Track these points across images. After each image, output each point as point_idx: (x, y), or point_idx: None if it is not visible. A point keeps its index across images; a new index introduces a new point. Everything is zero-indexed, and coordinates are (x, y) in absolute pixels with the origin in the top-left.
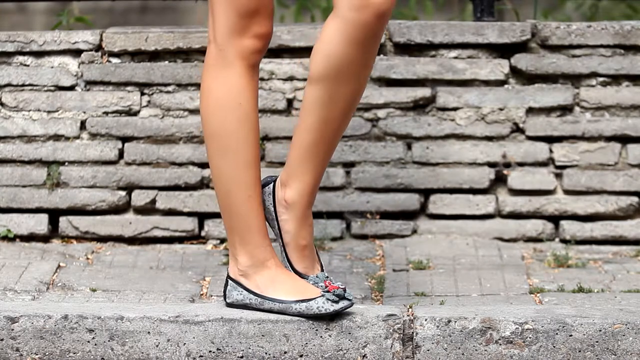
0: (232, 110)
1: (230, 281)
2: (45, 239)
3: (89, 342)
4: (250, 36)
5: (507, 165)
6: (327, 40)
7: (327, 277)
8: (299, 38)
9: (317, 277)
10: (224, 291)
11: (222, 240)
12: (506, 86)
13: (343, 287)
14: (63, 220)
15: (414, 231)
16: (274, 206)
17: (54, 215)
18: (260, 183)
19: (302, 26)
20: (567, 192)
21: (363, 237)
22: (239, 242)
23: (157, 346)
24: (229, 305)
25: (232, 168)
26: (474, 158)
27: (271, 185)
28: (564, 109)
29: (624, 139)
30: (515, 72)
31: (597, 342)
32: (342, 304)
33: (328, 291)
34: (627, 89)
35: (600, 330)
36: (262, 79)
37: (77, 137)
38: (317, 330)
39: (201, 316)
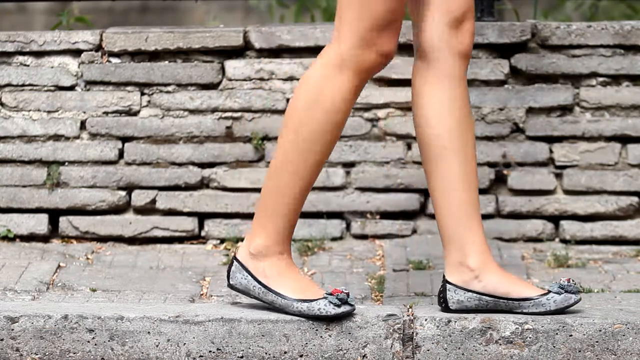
0: (333, 115)
1: (236, 262)
2: (45, 239)
3: (89, 342)
4: (375, 51)
5: (507, 165)
6: (445, 103)
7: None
8: (299, 38)
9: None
10: (228, 271)
11: (222, 240)
12: (506, 86)
13: (347, 291)
14: (63, 220)
15: (414, 231)
16: (468, 290)
17: (54, 215)
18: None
19: (302, 26)
20: (567, 192)
21: (363, 237)
22: (271, 223)
23: (157, 346)
24: (231, 286)
25: (304, 164)
26: None
27: (442, 294)
28: (564, 109)
29: (624, 139)
30: (515, 72)
31: (597, 342)
32: (344, 308)
33: (331, 294)
34: (627, 89)
35: (600, 330)
36: (262, 79)
37: (77, 137)
38: (317, 330)
39: (201, 316)
